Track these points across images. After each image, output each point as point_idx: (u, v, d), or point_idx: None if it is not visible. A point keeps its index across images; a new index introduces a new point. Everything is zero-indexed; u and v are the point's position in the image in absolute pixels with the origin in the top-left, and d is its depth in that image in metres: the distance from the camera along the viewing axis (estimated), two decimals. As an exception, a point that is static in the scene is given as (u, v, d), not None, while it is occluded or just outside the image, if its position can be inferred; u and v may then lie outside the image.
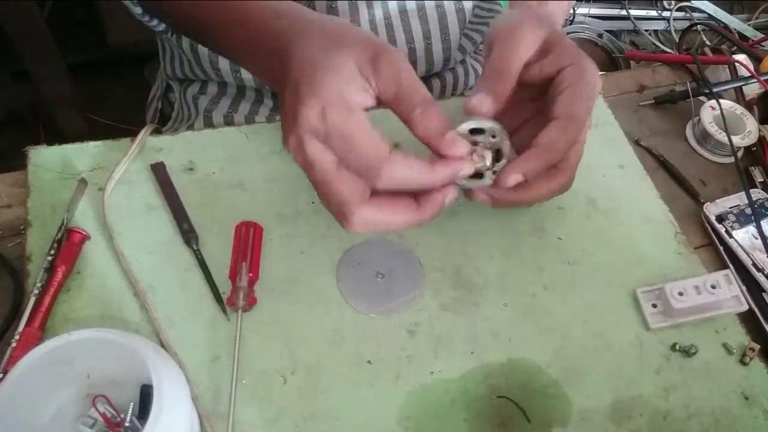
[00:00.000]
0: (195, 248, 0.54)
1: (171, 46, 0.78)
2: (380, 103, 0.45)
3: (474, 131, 0.49)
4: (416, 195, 0.47)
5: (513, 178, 0.48)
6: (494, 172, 0.49)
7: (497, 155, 0.49)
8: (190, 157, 0.60)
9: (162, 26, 0.65)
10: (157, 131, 0.62)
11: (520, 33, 0.50)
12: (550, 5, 0.57)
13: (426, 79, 0.78)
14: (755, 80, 0.73)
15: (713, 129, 0.69)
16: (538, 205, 0.61)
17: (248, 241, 0.55)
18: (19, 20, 1.28)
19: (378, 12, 0.69)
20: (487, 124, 0.49)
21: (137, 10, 0.62)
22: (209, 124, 0.75)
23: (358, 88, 0.43)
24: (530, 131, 0.50)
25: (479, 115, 0.49)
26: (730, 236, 0.61)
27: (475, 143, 0.48)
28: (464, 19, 0.73)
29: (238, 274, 0.52)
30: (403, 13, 0.70)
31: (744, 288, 0.57)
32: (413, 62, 0.72)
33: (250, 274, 0.53)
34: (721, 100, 0.70)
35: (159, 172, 0.58)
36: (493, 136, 0.49)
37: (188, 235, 0.55)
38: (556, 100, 0.49)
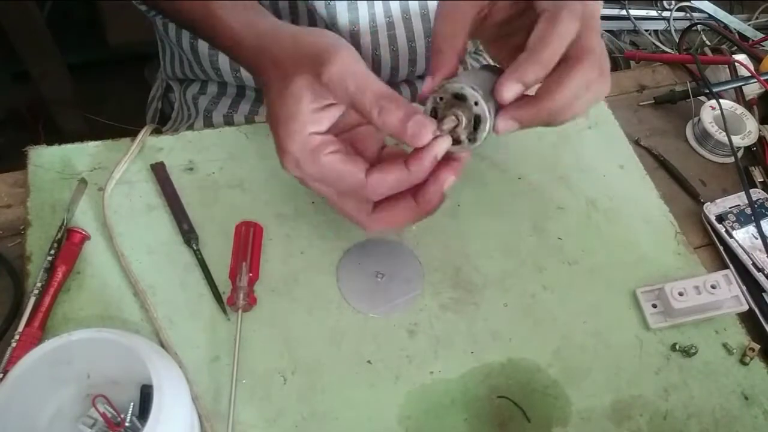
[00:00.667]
0: (195, 248, 0.54)
1: (171, 45, 0.78)
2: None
3: (433, 113, 0.46)
4: (415, 191, 0.47)
5: (509, 89, 0.43)
6: (473, 139, 0.45)
7: (477, 121, 0.45)
8: (190, 157, 0.60)
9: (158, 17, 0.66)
10: (157, 131, 0.62)
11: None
12: None
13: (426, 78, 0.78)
14: (755, 80, 0.73)
15: (713, 129, 0.69)
16: (539, 205, 0.61)
17: (248, 241, 0.55)
18: (19, 20, 1.28)
19: (379, 11, 0.69)
20: (469, 91, 0.44)
21: None
22: (209, 124, 0.75)
23: (317, 117, 0.45)
24: None
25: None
26: (730, 236, 0.61)
27: (453, 107, 0.45)
28: None
29: (238, 274, 0.52)
30: (405, 12, 0.70)
31: (744, 288, 0.57)
32: (413, 60, 0.72)
33: (250, 274, 0.53)
34: (721, 100, 0.70)
35: (159, 172, 0.58)
36: (441, 98, 0.45)
37: (188, 235, 0.55)
38: (538, 4, 0.45)
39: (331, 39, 0.46)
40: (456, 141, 0.45)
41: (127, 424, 0.44)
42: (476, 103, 0.44)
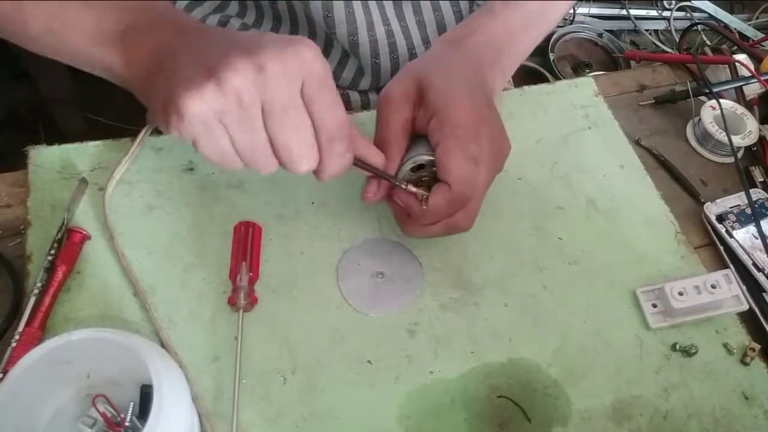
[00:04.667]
0: None
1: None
2: None
3: (416, 168, 0.51)
4: None
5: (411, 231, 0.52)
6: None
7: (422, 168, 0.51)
8: (190, 157, 0.60)
9: None
10: (157, 131, 0.62)
11: (392, 104, 0.50)
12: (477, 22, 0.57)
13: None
14: (755, 80, 0.73)
15: (713, 129, 0.69)
16: (539, 205, 0.62)
17: (247, 241, 0.55)
18: (19, 20, 1.28)
19: (378, 21, 0.69)
20: (425, 158, 0.50)
21: None
22: (209, 124, 0.75)
23: None
24: None
25: (369, 203, 0.52)
26: (731, 236, 0.61)
27: (420, 177, 0.51)
28: (462, 19, 0.73)
29: (238, 273, 0.52)
30: (402, 21, 0.70)
31: (744, 288, 0.57)
32: None
33: (250, 274, 0.53)
34: (721, 100, 0.70)
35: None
36: (434, 166, 0.50)
37: None
38: (437, 160, 0.49)
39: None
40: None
41: (127, 424, 0.44)
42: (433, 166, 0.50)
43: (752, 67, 0.74)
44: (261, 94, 0.40)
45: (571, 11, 1.66)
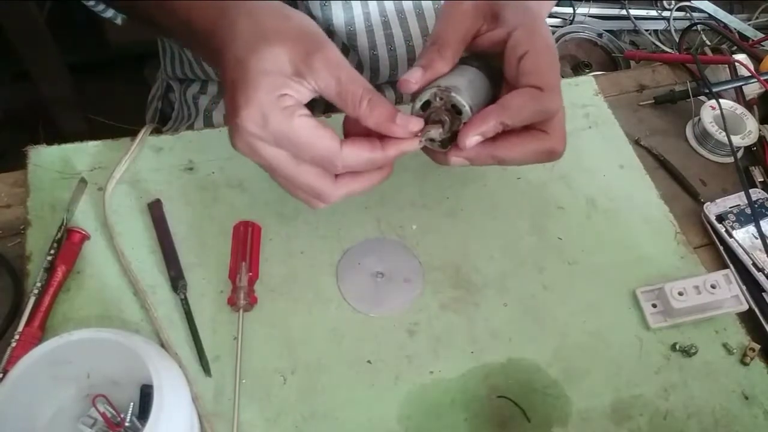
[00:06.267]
0: (182, 297, 0.52)
1: (171, 45, 0.78)
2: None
3: (424, 106, 0.47)
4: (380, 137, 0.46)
5: (471, 139, 0.46)
6: (444, 145, 0.48)
7: (456, 113, 0.47)
8: (190, 157, 0.60)
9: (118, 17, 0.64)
10: (157, 131, 0.62)
11: (461, 8, 0.49)
12: None
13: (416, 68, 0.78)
14: (755, 80, 0.73)
15: (713, 129, 0.69)
16: (539, 205, 0.61)
17: (247, 241, 0.55)
18: (19, 20, 1.28)
19: (374, 11, 0.69)
20: (429, 92, 0.46)
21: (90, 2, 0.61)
22: (209, 123, 0.75)
23: (294, 86, 0.43)
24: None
25: (405, 90, 0.47)
26: (730, 236, 0.61)
27: (435, 117, 0.47)
28: None
29: (238, 273, 0.52)
30: (401, 12, 0.70)
31: (744, 288, 0.57)
32: (412, 59, 0.72)
33: (250, 273, 0.53)
34: (721, 100, 0.70)
35: (155, 210, 0.56)
36: (441, 99, 0.46)
37: (176, 281, 0.52)
38: (521, 67, 0.47)
39: (319, 29, 0.45)
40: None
41: (127, 424, 0.44)
42: (464, 123, 0.46)
43: (752, 67, 0.74)
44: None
45: (571, 11, 1.66)
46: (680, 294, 0.54)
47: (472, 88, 0.48)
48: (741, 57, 0.76)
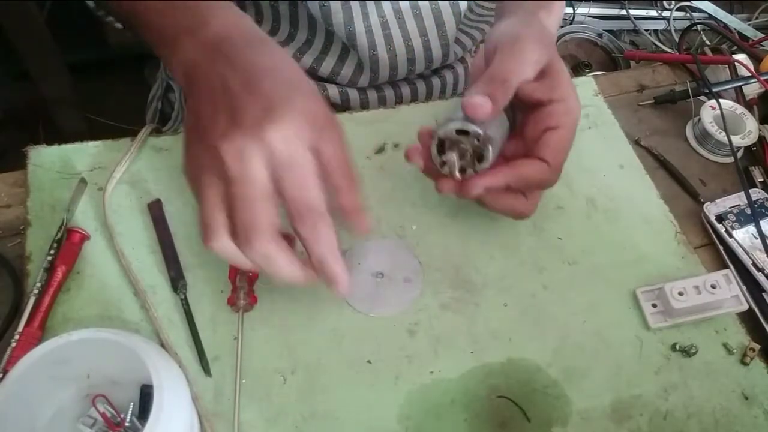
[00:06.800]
0: (182, 297, 0.52)
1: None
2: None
3: (459, 132, 0.49)
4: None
5: (477, 188, 0.50)
6: (472, 171, 0.51)
7: (479, 158, 0.50)
8: (190, 157, 0.60)
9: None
10: (157, 131, 0.62)
11: (526, 48, 0.50)
12: (551, 19, 0.59)
13: (426, 78, 0.78)
14: (755, 80, 0.73)
15: (713, 129, 0.69)
16: (539, 205, 0.61)
17: None
18: (19, 20, 1.28)
19: (372, 11, 0.69)
20: (472, 128, 0.49)
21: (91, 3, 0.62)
22: (209, 123, 0.75)
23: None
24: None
25: (473, 116, 0.48)
26: (730, 236, 0.61)
27: (456, 143, 0.50)
28: (459, 13, 0.73)
29: (237, 273, 0.52)
30: (398, 12, 0.71)
31: (744, 288, 0.57)
32: (411, 59, 0.72)
33: (250, 273, 0.53)
34: (721, 100, 0.70)
35: (155, 210, 0.56)
36: (477, 140, 0.49)
37: (176, 282, 0.52)
38: (544, 139, 0.51)
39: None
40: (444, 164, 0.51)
41: (127, 424, 0.44)
42: (482, 159, 0.50)
43: (752, 67, 0.74)
44: (217, 174, 0.41)
45: (571, 11, 1.66)
46: (680, 294, 0.54)
47: (501, 141, 0.52)
48: (741, 57, 0.76)
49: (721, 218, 0.63)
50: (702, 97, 0.74)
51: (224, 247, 0.43)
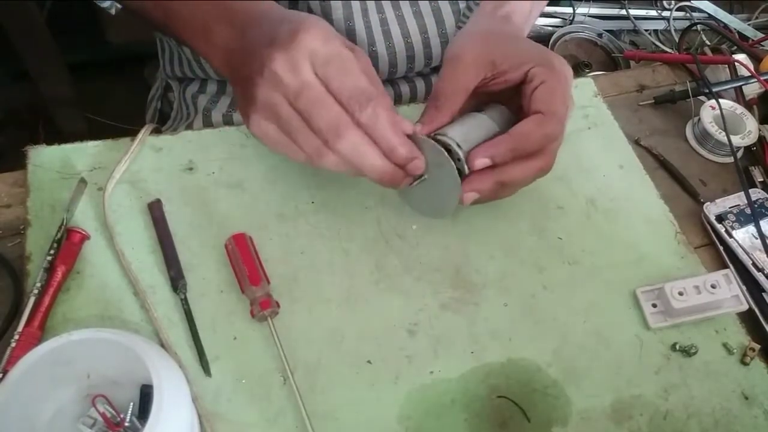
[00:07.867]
0: (182, 297, 0.52)
1: (170, 45, 0.78)
2: None
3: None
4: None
5: (480, 161, 0.50)
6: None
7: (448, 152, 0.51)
8: (190, 156, 0.60)
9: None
10: (157, 131, 0.62)
11: (462, 63, 0.53)
12: (509, 6, 0.61)
13: (425, 76, 0.78)
14: (755, 80, 0.73)
15: (713, 129, 0.69)
16: (539, 205, 0.61)
17: (236, 256, 0.53)
18: (19, 20, 1.28)
19: (372, 8, 0.69)
20: (420, 139, 0.50)
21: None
22: (208, 122, 0.75)
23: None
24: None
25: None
26: (730, 236, 0.61)
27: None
28: (459, 11, 0.73)
29: (244, 288, 0.52)
30: (398, 9, 0.71)
31: (744, 288, 0.57)
32: (411, 57, 0.72)
33: (254, 286, 0.51)
34: (721, 100, 0.70)
35: (155, 210, 0.56)
36: (458, 159, 0.50)
37: (176, 282, 0.52)
38: (533, 95, 0.52)
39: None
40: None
41: (127, 424, 0.44)
42: (459, 160, 0.51)
43: (752, 67, 0.74)
44: (282, 92, 0.45)
45: (571, 11, 1.66)
46: (680, 294, 0.54)
47: (466, 130, 0.52)
48: (741, 57, 0.76)
49: (721, 218, 0.63)
50: (702, 97, 0.74)
51: (355, 138, 0.46)
